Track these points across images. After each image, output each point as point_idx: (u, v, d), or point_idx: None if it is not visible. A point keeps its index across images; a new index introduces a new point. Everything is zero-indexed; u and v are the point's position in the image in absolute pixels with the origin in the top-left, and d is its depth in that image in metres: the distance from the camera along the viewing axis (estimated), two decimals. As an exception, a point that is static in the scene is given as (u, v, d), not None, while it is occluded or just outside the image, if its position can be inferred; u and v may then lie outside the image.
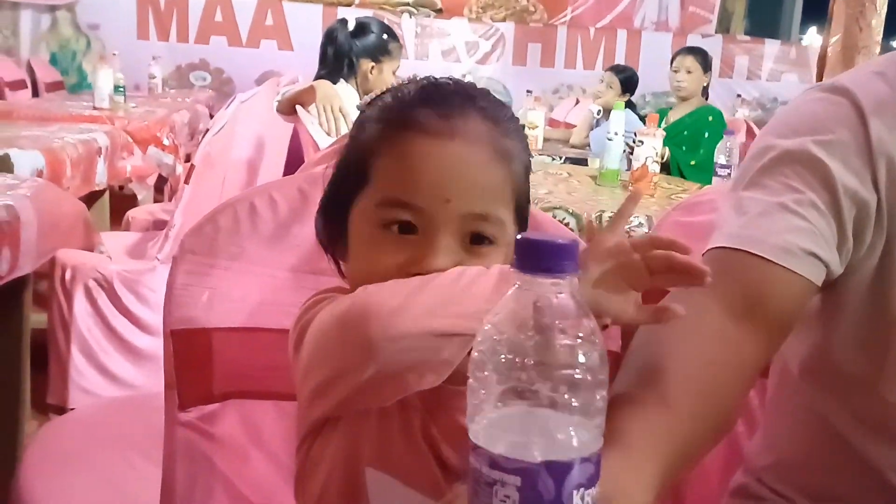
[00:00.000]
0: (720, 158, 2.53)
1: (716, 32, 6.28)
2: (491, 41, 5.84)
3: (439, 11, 5.85)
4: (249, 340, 0.84)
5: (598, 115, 3.92)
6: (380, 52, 2.46)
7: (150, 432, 0.99)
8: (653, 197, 2.35)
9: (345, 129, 2.20)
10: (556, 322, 0.43)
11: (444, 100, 0.66)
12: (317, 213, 0.73)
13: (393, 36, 2.53)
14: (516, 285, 0.45)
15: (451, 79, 0.69)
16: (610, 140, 2.59)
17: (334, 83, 2.38)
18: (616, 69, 4.32)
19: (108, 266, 2.06)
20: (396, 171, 0.65)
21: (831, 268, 0.71)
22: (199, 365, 0.81)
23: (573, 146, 4.01)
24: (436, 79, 0.69)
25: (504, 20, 5.93)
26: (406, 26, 5.63)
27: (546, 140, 3.92)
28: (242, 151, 2.30)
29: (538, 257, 0.44)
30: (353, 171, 0.68)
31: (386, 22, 2.82)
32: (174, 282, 0.81)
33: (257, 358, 0.84)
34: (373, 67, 2.46)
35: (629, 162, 2.61)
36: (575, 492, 0.42)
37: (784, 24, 7.33)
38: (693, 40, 6.12)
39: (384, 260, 0.64)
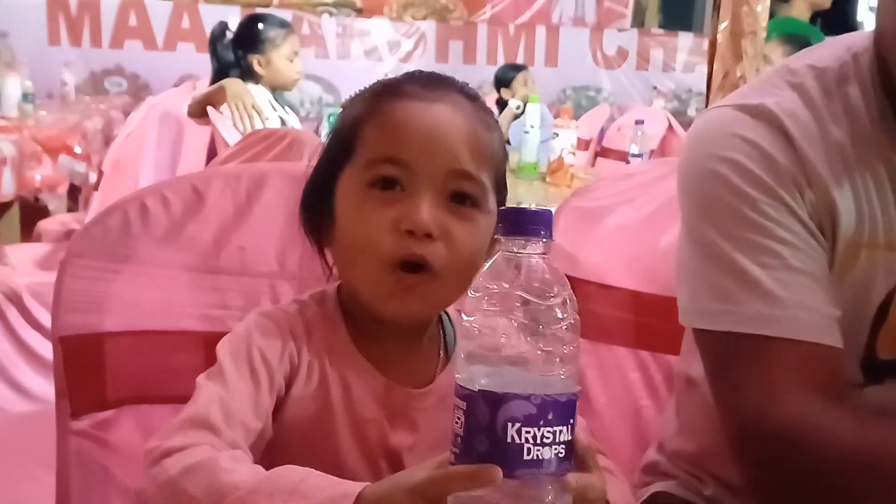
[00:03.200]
0: (632, 148, 2.59)
1: (631, 27, 6.42)
2: (412, 40, 5.84)
3: (359, 11, 5.82)
4: (144, 344, 0.82)
5: (517, 109, 3.96)
6: (261, 44, 2.42)
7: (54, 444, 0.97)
8: (569, 188, 2.40)
9: (259, 126, 2.17)
10: (533, 278, 0.50)
11: (427, 77, 0.71)
12: (300, 204, 0.74)
13: (276, 24, 2.48)
14: (497, 255, 0.52)
15: (434, 72, 0.73)
16: (526, 133, 2.63)
17: None
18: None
19: (14, 279, 1.98)
20: (383, 130, 0.67)
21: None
22: (90, 371, 0.79)
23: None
24: (420, 70, 0.73)
25: (425, 19, 5.94)
26: (326, 27, 5.58)
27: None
28: (156, 156, 2.25)
29: (521, 221, 0.51)
30: (340, 144, 0.70)
31: (286, 17, 2.77)
32: (62, 286, 0.79)
33: (153, 361, 0.82)
34: (259, 61, 2.41)
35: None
36: (510, 424, 0.47)
37: (697, 16, 7.54)
38: (609, 34, 6.25)
39: (370, 218, 0.65)
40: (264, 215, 0.88)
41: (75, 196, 3.23)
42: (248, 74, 2.37)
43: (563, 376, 0.49)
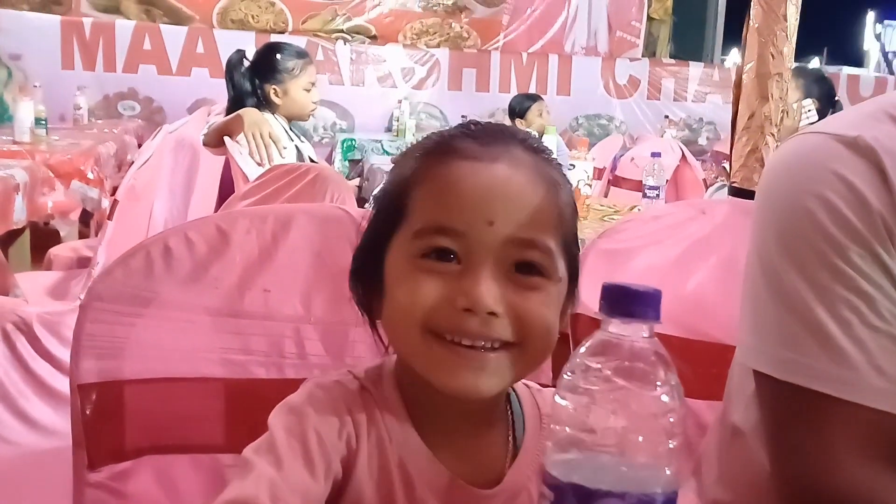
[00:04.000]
0: (648, 180, 2.57)
1: (642, 56, 6.45)
2: (426, 67, 5.87)
3: (374, 38, 5.86)
4: (165, 391, 0.79)
5: (534, 138, 3.95)
6: (279, 74, 2.40)
7: (69, 488, 0.94)
8: (585, 219, 2.37)
9: (276, 156, 2.16)
10: (637, 363, 0.46)
11: (484, 131, 0.63)
12: (350, 271, 0.67)
13: (295, 55, 2.46)
14: (596, 333, 0.47)
15: (491, 123, 0.66)
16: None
17: None
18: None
19: (25, 308, 1.96)
20: (435, 196, 0.60)
21: None
22: (109, 420, 0.76)
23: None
24: (476, 120, 0.66)
25: (438, 46, 5.97)
26: (341, 53, 5.62)
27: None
28: (171, 184, 2.24)
29: (626, 301, 0.46)
30: (389, 209, 0.63)
31: (302, 46, 2.77)
32: (81, 331, 0.76)
33: (173, 409, 0.79)
34: (276, 90, 2.39)
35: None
36: None
37: (707, 46, 7.57)
38: (621, 64, 6.28)
39: (422, 292, 0.58)
40: (290, 257, 0.86)
41: (87, 221, 3.23)
42: (265, 104, 2.35)
43: (664, 473, 0.45)
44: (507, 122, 4.56)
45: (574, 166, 2.53)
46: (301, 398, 0.61)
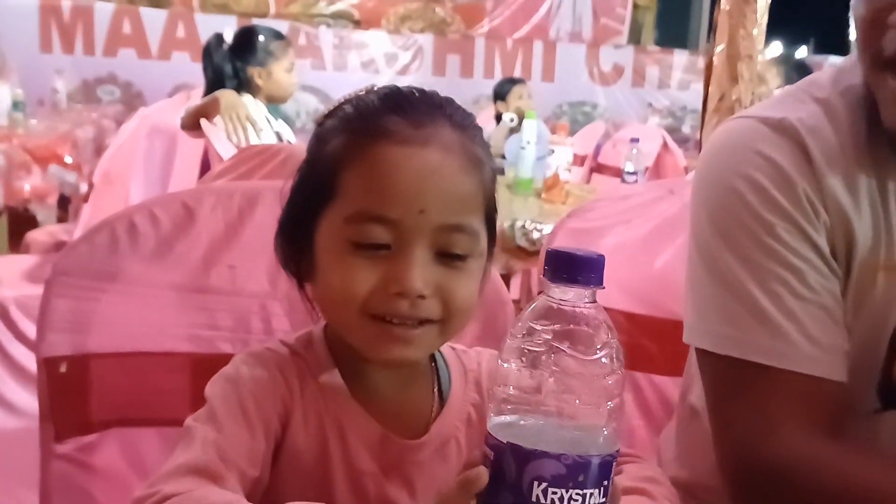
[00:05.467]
0: (627, 166, 2.59)
1: (627, 44, 6.45)
2: (410, 52, 5.85)
3: (357, 23, 5.83)
4: (131, 365, 0.80)
5: (511, 122, 3.96)
6: (263, 56, 2.41)
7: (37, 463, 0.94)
8: (564, 204, 2.39)
9: (253, 138, 2.16)
10: (579, 327, 0.47)
11: (412, 107, 0.64)
12: (276, 234, 0.69)
13: (274, 36, 2.49)
14: (540, 297, 0.48)
15: (412, 87, 0.67)
16: (523, 149, 2.62)
17: None
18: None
19: (1, 292, 1.95)
20: (367, 181, 0.62)
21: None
22: (75, 393, 0.77)
23: (490, 156, 4.05)
24: (397, 87, 0.67)
25: (422, 31, 5.95)
26: (324, 38, 5.59)
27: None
28: (147, 168, 2.23)
29: (569, 267, 0.47)
30: (317, 185, 0.65)
31: (287, 28, 2.78)
32: (47, 306, 0.77)
33: (140, 383, 0.80)
34: (260, 73, 2.41)
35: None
36: (536, 482, 0.45)
37: (692, 34, 7.59)
38: (606, 51, 6.28)
39: (358, 280, 0.61)
40: (256, 234, 0.86)
41: (65, 206, 3.21)
42: (245, 86, 2.36)
43: (602, 435, 0.47)
44: (492, 106, 4.57)
45: (553, 151, 2.54)
46: (234, 367, 0.64)
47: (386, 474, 0.64)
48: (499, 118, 4.17)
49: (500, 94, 4.30)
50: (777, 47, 4.97)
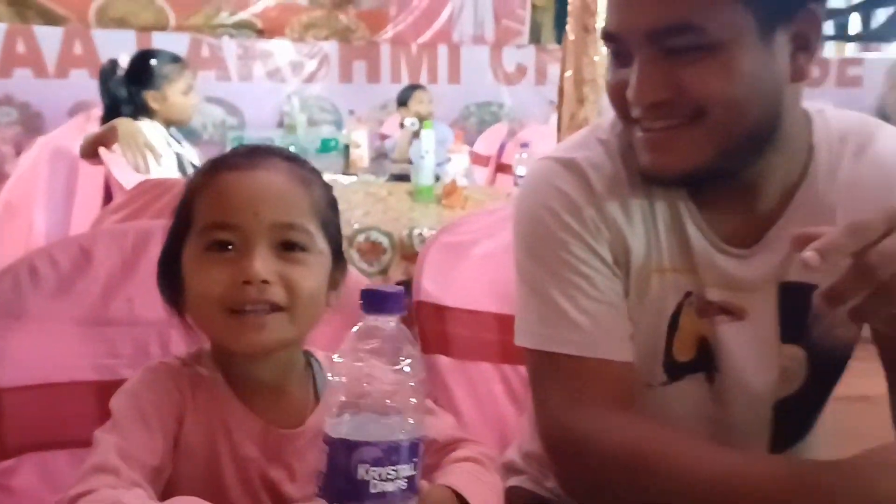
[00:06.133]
0: (518, 170, 2.74)
1: (529, 43, 6.64)
2: (316, 60, 5.88)
3: (260, 32, 5.83)
4: (41, 396, 0.88)
5: (413, 126, 4.07)
6: (158, 80, 2.46)
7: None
8: (463, 210, 2.52)
9: (153, 164, 2.21)
10: (388, 345, 0.60)
11: (248, 150, 0.82)
12: (157, 276, 0.82)
13: (169, 59, 2.53)
14: (360, 324, 0.61)
15: (258, 143, 0.84)
16: (422, 158, 2.74)
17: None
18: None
19: None
20: (211, 200, 0.77)
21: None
22: (-9, 424, 0.85)
23: (394, 161, 4.16)
24: (244, 144, 0.83)
25: (327, 39, 6.00)
26: (227, 48, 5.57)
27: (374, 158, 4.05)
28: (49, 196, 2.25)
29: (376, 301, 0.61)
30: (180, 219, 0.79)
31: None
32: (-44, 347, 0.85)
33: (50, 411, 0.89)
34: (155, 96, 2.45)
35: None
36: (360, 465, 0.58)
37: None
38: (508, 52, 6.47)
39: (212, 278, 0.74)
40: (150, 267, 0.95)
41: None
42: (143, 111, 2.39)
43: (408, 424, 0.60)
44: (396, 111, 4.68)
45: (451, 159, 2.67)
46: (133, 382, 0.76)
47: (268, 460, 0.77)
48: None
49: (402, 101, 4.43)
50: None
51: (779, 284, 0.86)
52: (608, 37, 0.82)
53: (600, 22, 1.36)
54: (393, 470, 0.59)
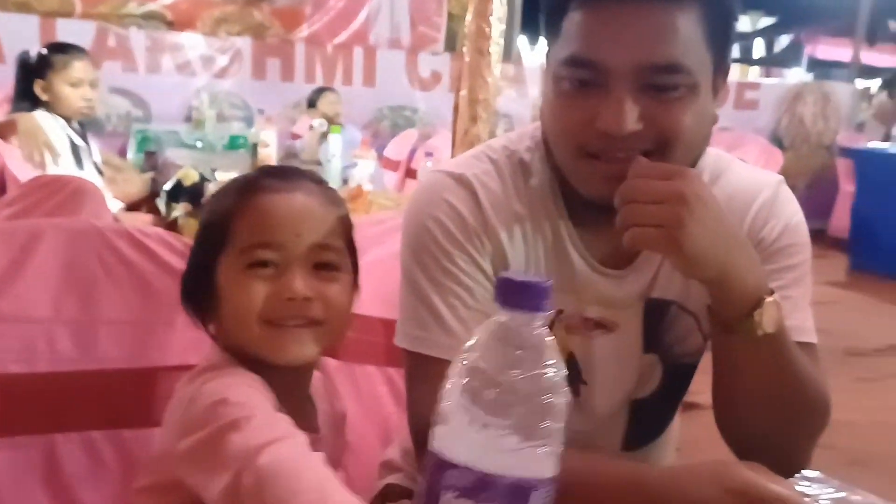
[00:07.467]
0: (423, 178, 2.82)
1: (444, 51, 6.74)
2: (228, 55, 5.79)
3: (170, 24, 5.70)
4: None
5: (321, 127, 4.09)
6: (44, 70, 2.42)
7: None
8: (368, 214, 2.58)
9: (50, 161, 2.18)
10: (529, 351, 0.48)
11: (281, 171, 0.88)
12: (181, 290, 0.86)
13: (60, 49, 2.50)
14: (496, 319, 0.49)
15: (283, 165, 0.89)
16: (329, 161, 2.79)
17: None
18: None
19: None
20: (254, 222, 0.82)
21: None
22: None
23: (304, 162, 4.16)
24: (271, 165, 0.88)
25: (240, 35, 5.92)
26: (135, 40, 5.42)
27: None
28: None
29: (521, 294, 0.48)
30: (215, 237, 0.83)
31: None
32: None
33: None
34: (42, 86, 2.42)
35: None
36: (444, 491, 0.48)
37: (505, 42, 8.05)
38: (424, 58, 6.55)
39: (253, 295, 0.79)
40: (40, 266, 0.98)
41: None
42: (38, 102, 2.36)
43: (537, 455, 0.47)
44: (306, 111, 4.68)
45: (357, 164, 2.73)
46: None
47: None
48: (315, 127, 4.30)
49: (311, 102, 4.46)
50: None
51: (645, 300, 0.94)
52: (583, 63, 0.82)
53: (494, 46, 1.45)
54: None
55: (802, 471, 0.85)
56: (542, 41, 0.89)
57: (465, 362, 0.50)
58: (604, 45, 0.80)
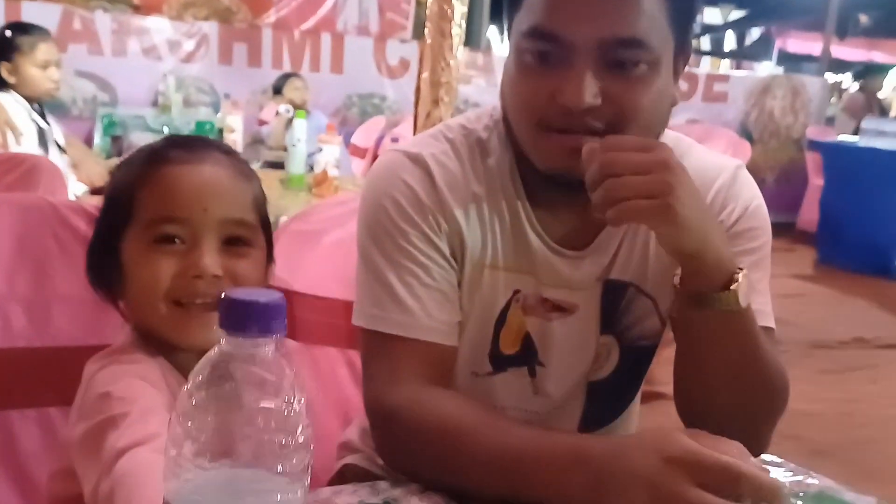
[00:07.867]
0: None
1: (412, 38, 6.72)
2: (194, 40, 5.73)
3: (136, 8, 5.62)
4: None
5: (287, 113, 4.06)
6: (9, 52, 2.39)
7: None
8: (333, 198, 2.57)
9: (12, 142, 2.14)
10: (258, 382, 0.42)
11: (188, 142, 0.83)
12: (86, 262, 0.82)
13: (25, 30, 2.47)
14: (220, 343, 0.43)
15: (191, 135, 0.86)
16: (294, 146, 2.78)
17: None
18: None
19: None
20: (159, 195, 0.77)
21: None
22: None
23: (270, 148, 4.14)
24: (178, 134, 0.85)
25: (206, 19, 5.85)
26: (101, 23, 5.33)
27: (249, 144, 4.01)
28: None
29: (244, 317, 0.42)
30: (118, 209, 0.79)
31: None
32: None
33: None
34: (9, 68, 2.39)
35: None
36: None
37: (474, 31, 8.04)
38: (392, 45, 6.53)
39: (159, 272, 0.76)
40: (-6, 242, 0.97)
41: None
42: (4, 83, 2.32)
43: (278, 501, 0.41)
44: (272, 97, 4.64)
45: (322, 149, 2.72)
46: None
47: None
48: (289, 112, 4.27)
49: (277, 88, 4.43)
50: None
51: (604, 282, 0.94)
52: (545, 35, 0.81)
53: (456, 28, 1.45)
54: None
55: (761, 455, 0.86)
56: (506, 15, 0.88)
57: (193, 401, 0.42)
58: (566, 18, 0.80)
